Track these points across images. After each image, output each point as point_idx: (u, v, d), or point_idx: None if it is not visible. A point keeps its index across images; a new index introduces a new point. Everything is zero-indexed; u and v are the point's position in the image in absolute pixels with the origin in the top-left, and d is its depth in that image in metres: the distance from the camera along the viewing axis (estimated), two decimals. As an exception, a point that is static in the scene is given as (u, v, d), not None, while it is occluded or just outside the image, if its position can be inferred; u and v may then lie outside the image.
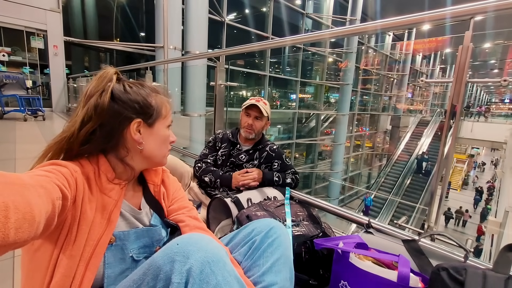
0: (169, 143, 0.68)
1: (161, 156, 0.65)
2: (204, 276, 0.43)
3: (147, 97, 0.62)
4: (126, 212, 0.61)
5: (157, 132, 0.63)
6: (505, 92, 31.81)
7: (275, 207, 1.06)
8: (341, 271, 0.67)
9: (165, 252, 0.46)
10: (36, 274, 0.50)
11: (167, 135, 0.66)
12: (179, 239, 0.48)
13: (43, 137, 3.40)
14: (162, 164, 0.68)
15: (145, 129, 0.61)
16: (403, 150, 13.26)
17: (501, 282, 0.43)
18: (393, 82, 17.60)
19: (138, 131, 0.60)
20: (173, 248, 0.46)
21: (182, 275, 0.43)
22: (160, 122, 0.64)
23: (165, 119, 0.65)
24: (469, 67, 0.91)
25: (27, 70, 5.73)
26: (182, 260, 0.44)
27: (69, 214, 0.50)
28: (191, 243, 0.47)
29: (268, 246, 0.62)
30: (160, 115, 0.64)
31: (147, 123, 0.61)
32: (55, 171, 0.48)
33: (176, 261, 0.44)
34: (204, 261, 0.44)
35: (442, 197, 1.03)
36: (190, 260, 0.44)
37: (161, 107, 0.64)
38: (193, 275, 0.43)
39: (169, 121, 0.66)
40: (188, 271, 0.43)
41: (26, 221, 0.34)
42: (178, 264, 0.44)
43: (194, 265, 0.43)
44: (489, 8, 0.80)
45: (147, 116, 0.61)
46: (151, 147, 0.62)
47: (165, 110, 0.65)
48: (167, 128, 0.66)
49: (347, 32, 1.32)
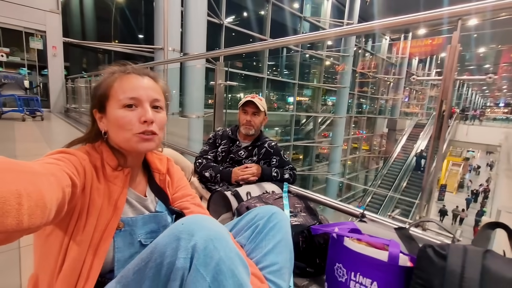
0: (133, 125, 0.58)
1: (124, 141, 0.58)
2: (208, 252, 0.46)
3: (100, 83, 0.61)
4: (133, 200, 0.64)
5: (109, 118, 0.59)
6: (500, 96, 32.26)
7: (274, 199, 1.10)
8: (336, 254, 0.71)
9: (171, 231, 0.49)
10: (49, 257, 0.52)
11: (119, 116, 0.57)
12: (183, 220, 0.51)
13: (42, 136, 3.41)
14: (134, 150, 0.60)
15: (104, 117, 0.61)
16: (400, 153, 13.39)
17: (479, 254, 0.48)
18: (390, 86, 17.79)
19: (101, 120, 0.61)
20: (178, 227, 0.49)
21: (187, 251, 0.46)
22: (110, 104, 0.59)
23: (112, 98, 0.59)
24: (457, 68, 0.96)
25: (24, 71, 5.72)
26: (187, 237, 0.47)
27: (79, 202, 0.52)
28: (195, 222, 0.50)
29: (270, 230, 0.66)
30: (106, 96, 0.59)
31: (98, 109, 0.61)
32: (64, 159, 0.51)
33: (181, 238, 0.47)
34: (207, 238, 0.47)
35: (432, 190, 1.08)
36: (194, 237, 0.46)
37: (109, 86, 0.59)
38: (198, 251, 0.46)
39: (122, 99, 0.58)
40: (193, 247, 0.46)
41: (38, 207, 0.36)
42: (183, 241, 0.46)
43: (198, 242, 0.46)
44: (474, 10, 0.86)
45: (97, 103, 0.61)
46: (112, 135, 0.60)
47: (115, 88, 0.59)
48: (123, 107, 0.58)
49: (343, 33, 1.37)
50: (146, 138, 0.59)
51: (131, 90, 0.58)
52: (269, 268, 0.62)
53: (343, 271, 0.68)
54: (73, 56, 6.63)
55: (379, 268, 0.61)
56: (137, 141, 0.58)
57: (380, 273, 0.61)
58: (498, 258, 0.49)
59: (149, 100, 0.60)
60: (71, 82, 5.95)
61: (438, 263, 0.51)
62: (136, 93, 0.59)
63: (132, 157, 0.64)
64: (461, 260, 0.48)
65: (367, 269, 0.63)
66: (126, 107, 0.58)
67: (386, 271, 0.61)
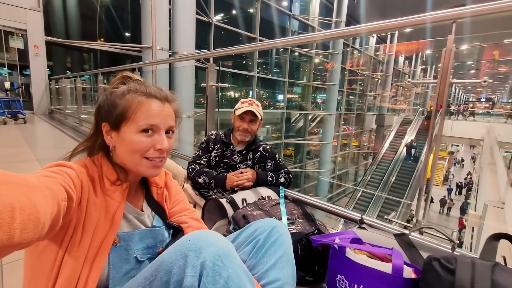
0: (146, 151, 0.57)
1: (133, 164, 0.58)
2: (216, 269, 0.45)
3: (116, 98, 0.58)
4: (129, 214, 0.62)
5: (123, 138, 0.57)
6: (481, 92, 33.40)
7: (271, 206, 1.08)
8: (338, 266, 0.70)
9: (177, 248, 0.48)
10: (41, 276, 0.50)
11: (136, 141, 0.56)
12: (189, 236, 0.50)
13: (25, 140, 3.27)
14: (142, 175, 0.61)
15: (115, 133, 0.58)
16: (388, 148, 13.69)
17: (488, 269, 0.47)
18: (378, 83, 18.08)
19: (109, 135, 0.59)
20: (185, 244, 0.47)
21: (196, 268, 0.44)
22: (127, 126, 0.57)
23: (132, 122, 0.56)
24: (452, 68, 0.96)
25: (4, 71, 5.48)
26: (195, 254, 0.45)
27: (74, 216, 0.50)
28: (202, 239, 0.48)
29: (272, 245, 0.64)
30: (124, 117, 0.56)
31: (111, 125, 0.58)
32: (61, 172, 0.49)
33: (189, 255, 0.45)
34: (216, 255, 0.46)
35: (428, 194, 1.08)
36: (202, 254, 0.45)
37: (129, 107, 0.57)
38: (207, 268, 0.44)
39: (142, 125, 0.56)
40: (202, 265, 0.44)
41: (31, 222, 0.34)
42: (191, 258, 0.45)
43: (207, 259, 0.45)
44: (468, 14, 0.85)
45: (111, 118, 0.58)
46: (120, 153, 0.59)
47: (135, 110, 0.56)
48: (141, 132, 0.57)
49: (338, 35, 1.36)
50: (156, 165, 0.60)
51: (152, 117, 0.57)
52: (271, 285, 0.60)
53: (346, 283, 0.66)
54: (56, 56, 6.38)
55: (383, 280, 0.60)
56: (147, 167, 0.59)
57: (384, 285, 0.60)
58: (507, 271, 0.48)
59: (166, 128, 0.60)
60: (55, 82, 5.74)
61: (446, 278, 0.50)
62: (156, 120, 0.58)
63: (134, 173, 0.63)
64: (470, 274, 0.47)
65: (371, 281, 0.62)
66: (142, 131, 0.57)
67: (390, 284, 0.59)
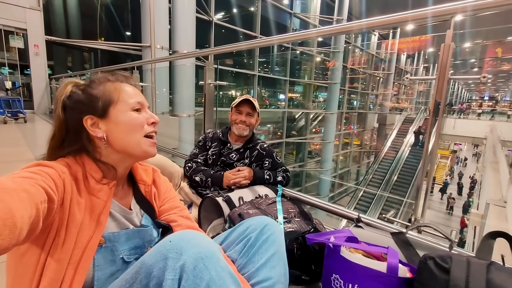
0: (143, 126, 0.60)
1: (134, 144, 0.59)
2: (197, 272, 0.43)
3: (90, 91, 0.59)
4: (116, 213, 0.60)
5: (116, 119, 0.58)
6: (485, 90, 33.14)
7: (267, 205, 1.07)
8: (333, 265, 0.68)
9: (158, 249, 0.46)
10: (23, 279, 0.48)
11: (133, 117, 0.59)
12: (171, 236, 0.48)
13: (25, 140, 3.27)
14: (144, 154, 0.61)
15: (103, 122, 0.58)
16: (390, 147, 13.62)
17: (483, 268, 0.46)
18: (379, 81, 17.98)
19: (96, 127, 0.58)
20: (165, 245, 0.46)
21: (175, 272, 0.43)
22: (114, 108, 0.58)
23: (121, 102, 0.59)
24: (451, 65, 0.94)
25: (5, 71, 5.49)
26: (175, 256, 0.44)
27: (57, 217, 0.48)
28: (184, 240, 0.46)
29: (263, 243, 0.62)
30: (110, 101, 0.58)
31: (97, 115, 0.58)
32: (41, 172, 0.47)
33: (169, 258, 0.44)
34: (197, 257, 0.44)
35: (427, 192, 1.06)
36: (183, 256, 0.44)
37: (110, 92, 0.59)
38: (187, 271, 0.43)
39: (131, 103, 0.60)
40: (182, 267, 0.43)
41: (7, 227, 0.33)
42: (171, 260, 0.43)
43: (187, 261, 0.43)
44: (468, 8, 0.83)
45: (94, 109, 0.57)
46: (118, 137, 0.58)
47: (118, 93, 0.59)
48: (132, 110, 0.59)
49: (336, 31, 1.34)
50: (155, 142, 0.63)
51: (135, 96, 0.62)
52: (261, 284, 0.59)
53: (340, 282, 0.65)
54: (57, 55, 6.39)
55: (378, 279, 0.59)
56: (148, 145, 0.61)
57: (379, 284, 0.59)
58: (503, 270, 0.47)
59: (147, 105, 0.64)
60: (56, 81, 5.74)
61: (440, 277, 0.49)
62: (140, 98, 0.62)
63: (123, 168, 0.62)
64: (465, 274, 0.45)
65: (366, 281, 0.60)
66: (135, 110, 0.60)
67: (385, 283, 0.58)
